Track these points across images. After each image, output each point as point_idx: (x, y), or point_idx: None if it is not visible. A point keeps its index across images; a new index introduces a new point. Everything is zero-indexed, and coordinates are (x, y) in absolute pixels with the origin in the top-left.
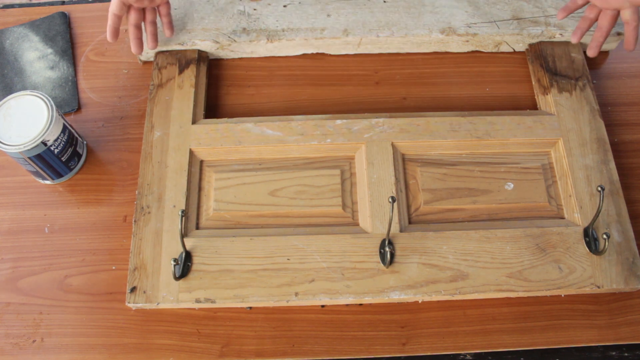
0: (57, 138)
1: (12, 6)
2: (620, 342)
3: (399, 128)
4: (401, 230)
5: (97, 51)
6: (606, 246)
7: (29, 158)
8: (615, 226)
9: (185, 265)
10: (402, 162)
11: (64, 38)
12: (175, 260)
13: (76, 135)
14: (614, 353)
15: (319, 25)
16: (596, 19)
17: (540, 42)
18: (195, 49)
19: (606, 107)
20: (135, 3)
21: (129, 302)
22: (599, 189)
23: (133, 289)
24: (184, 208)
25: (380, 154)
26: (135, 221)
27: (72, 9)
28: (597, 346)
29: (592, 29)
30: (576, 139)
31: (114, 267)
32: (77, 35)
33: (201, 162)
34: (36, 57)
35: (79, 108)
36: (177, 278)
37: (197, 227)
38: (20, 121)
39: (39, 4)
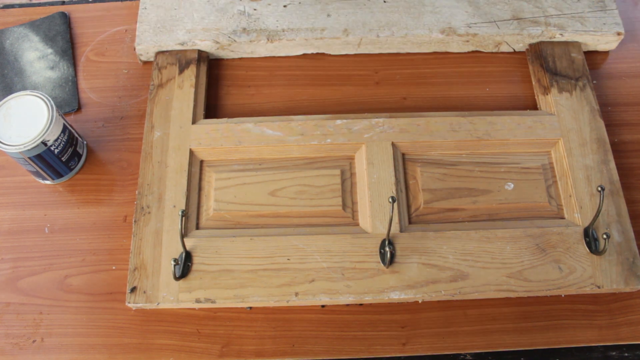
0: (57, 138)
1: (12, 6)
2: (621, 342)
3: (399, 128)
4: (401, 230)
5: (97, 51)
6: (606, 246)
7: (29, 158)
8: (615, 226)
9: (185, 265)
10: (402, 162)
11: (64, 38)
12: (175, 260)
13: (76, 135)
14: (614, 353)
15: (319, 25)
16: None
17: (540, 42)
18: (195, 49)
19: (606, 107)
20: None
21: (129, 302)
22: (599, 189)
23: (133, 289)
24: (184, 208)
25: (380, 154)
26: (135, 221)
27: (72, 9)
28: (597, 346)
29: None
30: (576, 139)
31: (114, 267)
32: (77, 35)
33: (201, 162)
34: (36, 57)
35: (79, 108)
36: (177, 278)
37: (197, 227)
38: (20, 121)
39: (39, 4)
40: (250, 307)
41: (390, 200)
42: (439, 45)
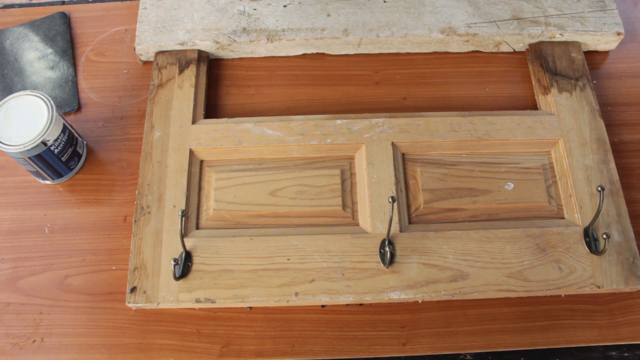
0: (57, 138)
1: (12, 6)
2: (620, 342)
3: (399, 128)
4: (401, 230)
5: (97, 51)
6: (606, 246)
7: (29, 158)
8: (615, 226)
9: (185, 265)
10: (402, 162)
11: (64, 38)
12: (175, 260)
13: (76, 135)
14: (614, 353)
15: (319, 25)
16: None
17: (540, 42)
18: (195, 49)
19: (606, 107)
20: None
21: (129, 302)
22: (599, 189)
23: (133, 289)
24: (184, 208)
25: (380, 154)
26: (135, 221)
27: (72, 9)
28: (597, 346)
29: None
30: (576, 139)
31: (114, 267)
32: (77, 35)
33: (201, 162)
34: (36, 57)
35: (79, 108)
36: (177, 278)
37: (197, 227)
38: (20, 121)
39: (39, 4)
40: (250, 307)
41: (390, 200)
42: (439, 45)
